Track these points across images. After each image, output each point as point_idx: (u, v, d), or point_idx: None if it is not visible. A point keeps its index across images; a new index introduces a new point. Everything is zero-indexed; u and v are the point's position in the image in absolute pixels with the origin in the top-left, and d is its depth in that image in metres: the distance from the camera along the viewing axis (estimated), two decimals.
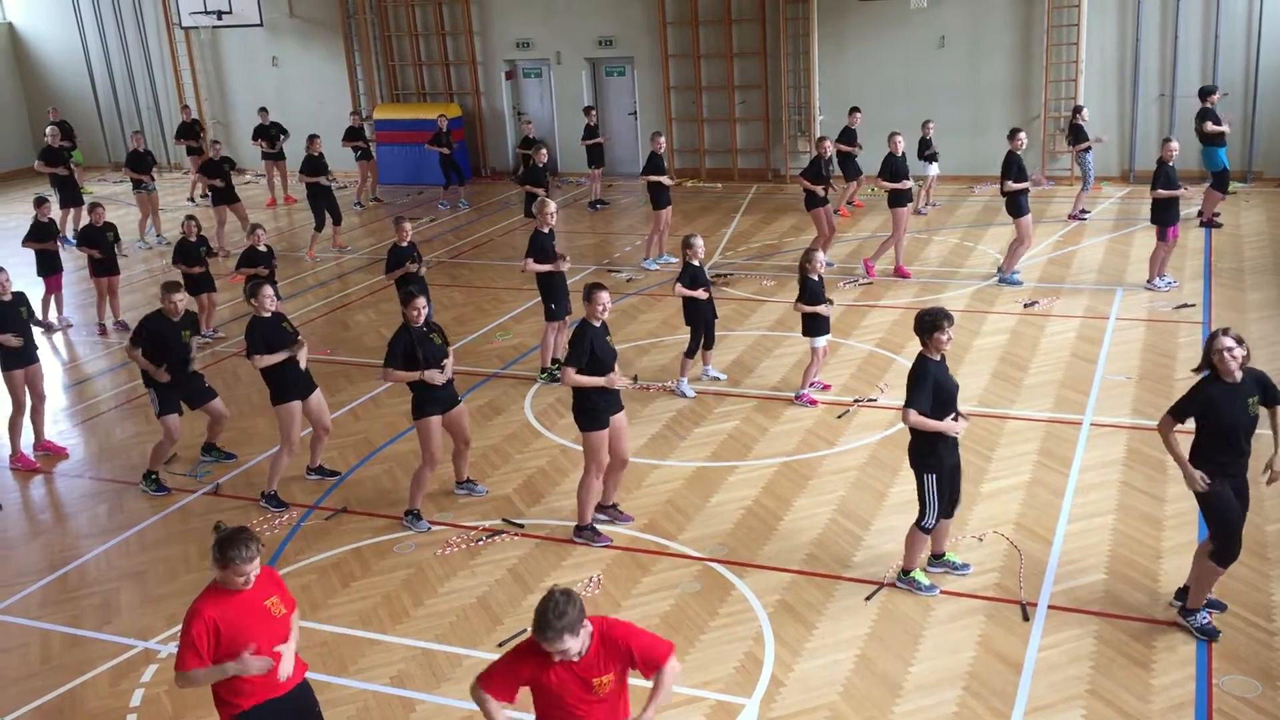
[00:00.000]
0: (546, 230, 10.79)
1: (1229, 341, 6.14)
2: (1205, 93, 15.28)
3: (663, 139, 15.17)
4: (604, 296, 7.73)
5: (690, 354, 10.60)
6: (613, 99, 21.41)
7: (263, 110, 20.13)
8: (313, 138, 16.85)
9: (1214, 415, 6.21)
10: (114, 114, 25.04)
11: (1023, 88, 18.42)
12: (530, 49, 21.50)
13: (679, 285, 10.37)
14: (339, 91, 22.79)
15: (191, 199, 21.27)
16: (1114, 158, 18.07)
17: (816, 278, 9.90)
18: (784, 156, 20.08)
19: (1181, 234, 14.65)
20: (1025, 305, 12.42)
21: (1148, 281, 12.72)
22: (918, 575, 7.10)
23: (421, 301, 8.04)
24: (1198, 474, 6.27)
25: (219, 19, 22.42)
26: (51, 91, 25.38)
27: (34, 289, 14.06)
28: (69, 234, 18.30)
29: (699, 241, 10.38)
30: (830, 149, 14.19)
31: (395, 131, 21.80)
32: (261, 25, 22.58)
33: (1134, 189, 17.62)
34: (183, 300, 9.09)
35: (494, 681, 4.45)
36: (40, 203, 13.40)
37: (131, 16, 24.20)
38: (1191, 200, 15.61)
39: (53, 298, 13.88)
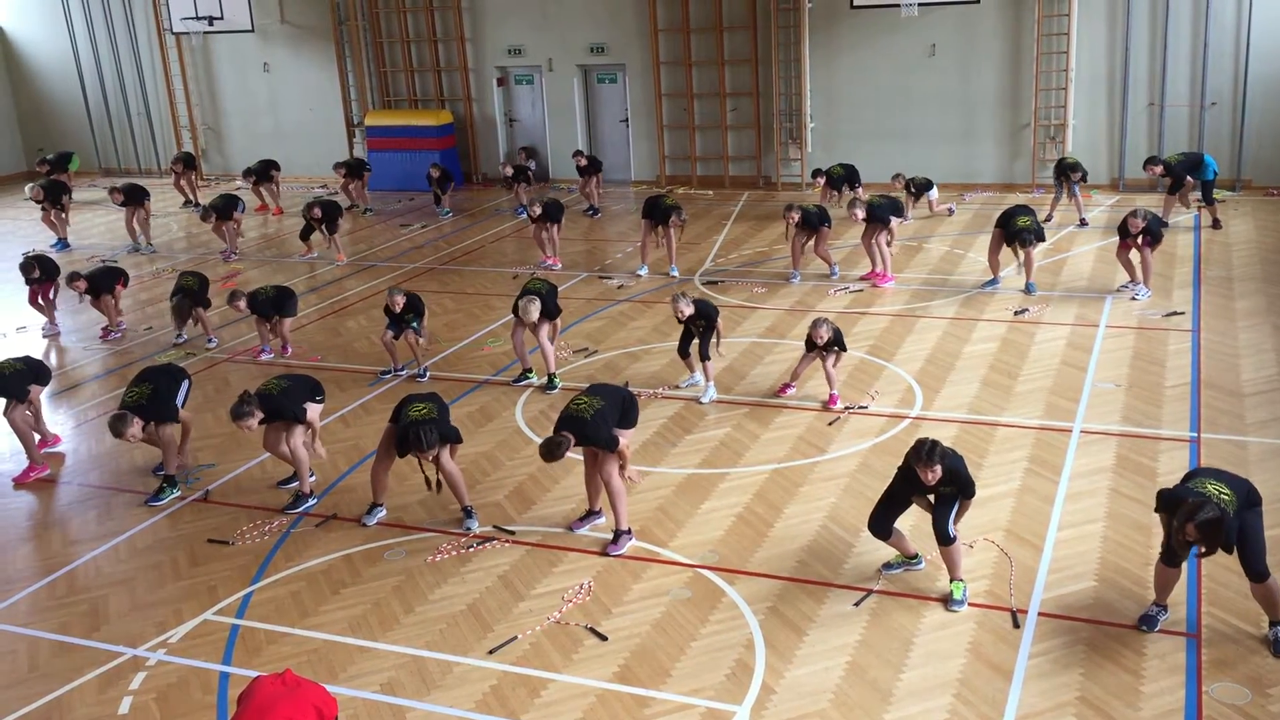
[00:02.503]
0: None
1: (1191, 531, 6.12)
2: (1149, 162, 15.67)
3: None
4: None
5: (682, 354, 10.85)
6: (604, 106, 21.43)
7: (263, 165, 20.26)
8: (310, 206, 16.39)
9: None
10: (104, 119, 24.99)
11: (1013, 96, 18.48)
12: (522, 56, 21.51)
13: None
14: (330, 98, 22.78)
15: (189, 202, 21.26)
16: (1104, 166, 18.15)
17: None
18: (775, 164, 20.11)
19: (1171, 241, 14.79)
20: (1015, 313, 12.45)
21: (1143, 284, 12.72)
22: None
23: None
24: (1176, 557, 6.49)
25: (210, 24, 22.41)
26: (42, 96, 25.34)
27: (21, 292, 14.13)
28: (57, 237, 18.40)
29: None
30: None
31: (387, 138, 21.79)
32: (253, 31, 22.57)
33: (1123, 197, 17.69)
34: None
35: None
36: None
37: (123, 21, 24.15)
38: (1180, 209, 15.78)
39: (43, 303, 13.87)
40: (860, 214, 13.52)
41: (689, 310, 10.44)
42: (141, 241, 18.07)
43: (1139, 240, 12.50)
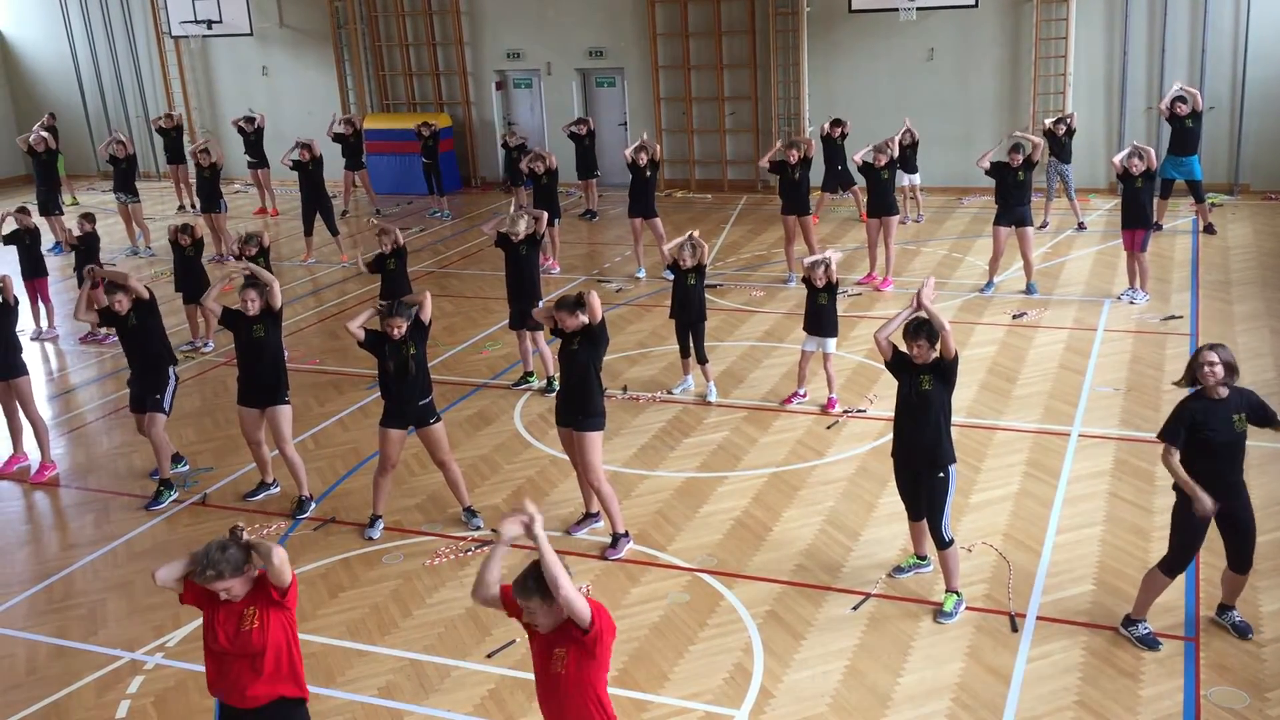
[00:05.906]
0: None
1: (1211, 356, 6.15)
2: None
3: (643, 153, 14.57)
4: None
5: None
6: (603, 110, 21.43)
7: (249, 119, 20.02)
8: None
9: (1196, 432, 6.21)
10: (103, 123, 24.94)
11: (1011, 100, 18.50)
12: (521, 60, 21.53)
13: None
14: (329, 101, 22.76)
15: (183, 206, 21.21)
16: (1101, 170, 18.16)
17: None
18: None
19: (1169, 245, 14.82)
20: (1014, 317, 12.46)
21: (1141, 289, 12.73)
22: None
23: (398, 320, 7.94)
24: (1206, 498, 6.12)
25: (209, 28, 22.42)
26: (40, 101, 25.30)
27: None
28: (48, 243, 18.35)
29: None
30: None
31: (385, 141, 21.79)
32: (252, 35, 22.58)
33: (1121, 201, 17.65)
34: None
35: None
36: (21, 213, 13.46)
37: (121, 26, 24.16)
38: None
39: (41, 305, 13.85)
40: (883, 157, 13.55)
41: (692, 260, 10.41)
42: (140, 244, 18.03)
43: (1137, 237, 12.52)
